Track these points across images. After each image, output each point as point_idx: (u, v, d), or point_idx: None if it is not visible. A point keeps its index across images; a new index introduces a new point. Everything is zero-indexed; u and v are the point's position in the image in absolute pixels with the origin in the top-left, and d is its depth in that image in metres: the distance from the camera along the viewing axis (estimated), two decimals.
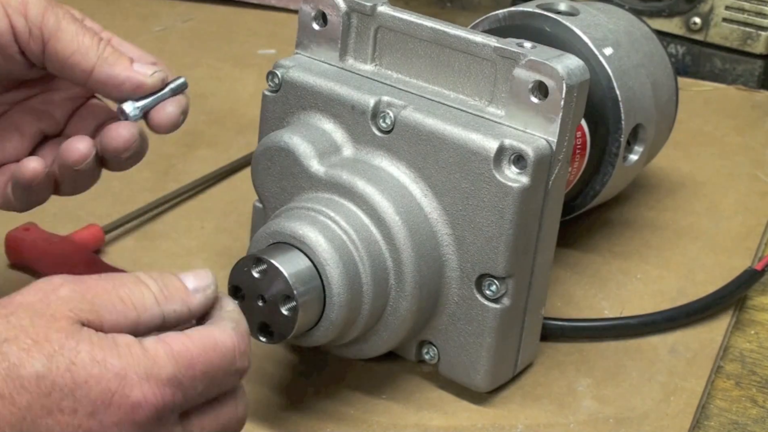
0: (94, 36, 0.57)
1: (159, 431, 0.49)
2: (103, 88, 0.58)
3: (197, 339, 0.50)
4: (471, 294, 0.61)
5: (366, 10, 0.64)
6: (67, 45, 0.56)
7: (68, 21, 0.57)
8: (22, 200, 0.60)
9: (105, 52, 0.57)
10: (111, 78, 0.57)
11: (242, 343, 0.51)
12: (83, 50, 0.56)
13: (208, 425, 0.51)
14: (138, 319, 0.50)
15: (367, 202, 0.60)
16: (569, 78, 0.59)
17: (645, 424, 0.64)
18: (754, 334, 0.74)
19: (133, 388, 0.47)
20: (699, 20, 1.06)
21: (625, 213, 0.84)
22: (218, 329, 0.51)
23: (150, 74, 0.57)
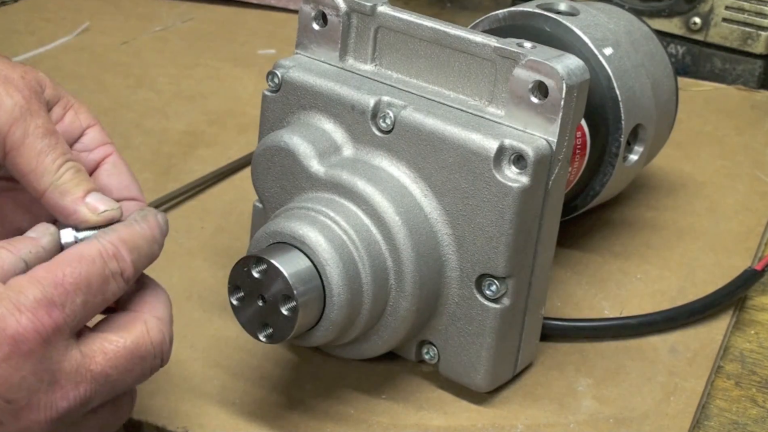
0: (58, 157, 0.55)
1: (53, 355, 0.49)
2: (53, 212, 0.56)
3: (59, 258, 0.51)
4: (471, 294, 0.61)
5: (366, 10, 0.64)
6: (26, 162, 0.55)
7: (36, 137, 0.55)
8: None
9: (61, 179, 0.55)
10: (59, 207, 0.55)
11: (109, 246, 0.52)
12: (39, 171, 0.55)
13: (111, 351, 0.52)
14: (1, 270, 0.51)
15: (367, 202, 0.60)
16: (569, 78, 0.59)
17: (645, 424, 0.64)
18: (754, 334, 0.74)
19: (7, 321, 0.48)
20: (699, 20, 1.06)
21: (625, 213, 0.84)
22: (81, 244, 0.52)
23: (100, 211, 0.55)
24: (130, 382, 0.53)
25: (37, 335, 0.49)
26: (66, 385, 0.50)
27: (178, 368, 0.65)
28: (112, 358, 0.52)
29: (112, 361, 0.52)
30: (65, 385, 0.50)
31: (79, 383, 0.50)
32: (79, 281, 0.51)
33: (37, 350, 0.49)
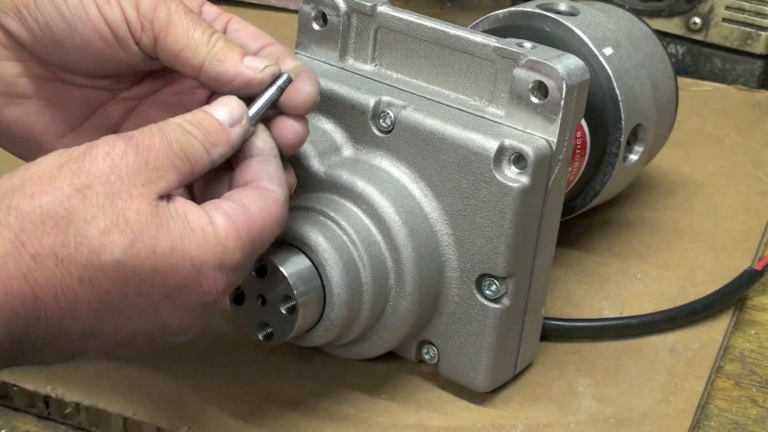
0: (206, 30, 0.56)
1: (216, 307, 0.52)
2: (213, 84, 0.56)
3: (258, 216, 0.52)
4: (471, 294, 0.61)
5: (366, 10, 0.64)
6: (177, 40, 0.55)
7: (180, 14, 0.55)
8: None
9: (215, 47, 0.55)
10: (221, 74, 0.55)
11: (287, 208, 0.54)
12: (193, 46, 0.55)
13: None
14: (192, 171, 0.51)
15: (367, 202, 0.60)
16: (569, 78, 0.59)
17: (645, 424, 0.64)
18: (754, 334, 0.74)
19: (207, 278, 0.50)
20: (699, 20, 1.06)
21: (625, 213, 0.84)
22: (272, 198, 0.53)
23: (261, 69, 0.55)
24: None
25: (222, 294, 0.51)
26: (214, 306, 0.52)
27: (178, 368, 0.65)
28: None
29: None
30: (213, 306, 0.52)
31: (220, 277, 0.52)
32: (264, 244, 0.53)
33: (213, 304, 0.51)
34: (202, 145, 0.52)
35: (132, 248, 0.48)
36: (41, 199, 0.47)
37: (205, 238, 0.50)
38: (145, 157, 0.49)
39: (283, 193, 0.54)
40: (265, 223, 0.52)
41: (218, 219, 0.51)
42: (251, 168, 0.54)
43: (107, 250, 0.47)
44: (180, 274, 0.49)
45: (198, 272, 0.50)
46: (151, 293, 0.49)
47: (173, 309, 0.50)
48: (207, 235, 0.50)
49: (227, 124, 0.53)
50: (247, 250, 0.51)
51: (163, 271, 0.49)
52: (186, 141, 0.51)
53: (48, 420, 0.64)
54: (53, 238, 0.47)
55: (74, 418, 0.63)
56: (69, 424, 0.63)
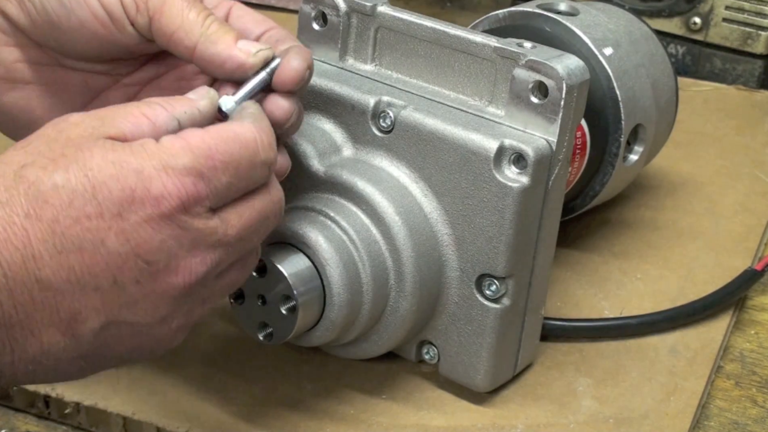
0: (201, 11, 0.55)
1: (191, 223, 0.49)
2: (206, 66, 0.56)
3: (214, 131, 0.50)
4: (471, 294, 0.61)
5: (366, 10, 0.64)
6: (171, 21, 0.55)
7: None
8: None
9: (209, 29, 0.55)
10: (213, 57, 0.55)
11: (264, 135, 0.52)
12: (187, 27, 0.55)
13: (246, 213, 0.51)
14: (153, 126, 0.50)
15: (367, 202, 0.60)
16: (569, 78, 0.59)
17: (645, 424, 0.64)
18: (754, 334, 0.74)
19: (152, 181, 0.48)
20: (699, 20, 1.06)
21: (625, 213, 0.84)
22: (236, 123, 0.52)
23: (253, 53, 0.55)
24: (257, 240, 0.53)
25: (179, 201, 0.48)
26: (204, 250, 0.50)
27: (178, 368, 0.65)
28: (246, 220, 0.51)
29: (246, 223, 0.51)
30: (204, 251, 0.50)
31: (215, 248, 0.50)
32: (229, 161, 0.50)
33: (176, 215, 0.49)
34: (160, 105, 0.51)
35: (67, 172, 0.47)
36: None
37: (144, 148, 0.49)
38: (92, 115, 0.50)
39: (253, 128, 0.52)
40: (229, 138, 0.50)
41: (165, 138, 0.50)
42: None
43: (45, 179, 0.47)
44: (121, 183, 0.48)
45: (140, 176, 0.48)
46: (101, 213, 0.47)
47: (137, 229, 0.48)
48: (146, 146, 0.49)
49: (192, 97, 0.53)
50: (200, 159, 0.49)
51: (103, 184, 0.47)
52: (144, 104, 0.51)
53: (48, 420, 0.64)
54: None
55: (74, 418, 0.63)
56: (69, 424, 0.63)
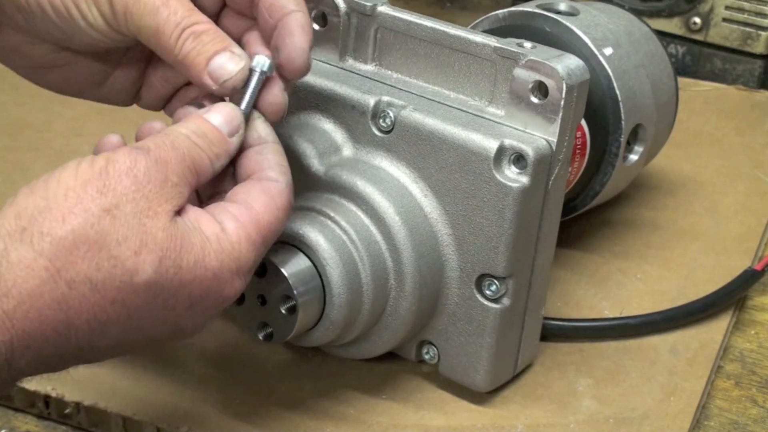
0: (174, 29, 0.54)
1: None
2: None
3: (264, 212, 0.52)
4: (471, 294, 0.61)
5: (366, 10, 0.64)
6: (148, 40, 0.55)
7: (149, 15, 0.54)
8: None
9: (182, 50, 0.55)
10: (189, 77, 0.55)
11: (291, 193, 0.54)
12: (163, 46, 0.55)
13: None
14: (198, 182, 0.52)
15: (367, 202, 0.60)
16: (569, 78, 0.59)
17: (645, 424, 0.64)
18: (754, 334, 0.74)
19: (226, 285, 0.51)
20: (699, 20, 1.06)
21: (625, 213, 0.84)
22: (275, 189, 0.53)
23: (221, 82, 0.54)
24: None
25: (239, 294, 0.52)
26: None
27: (178, 368, 0.65)
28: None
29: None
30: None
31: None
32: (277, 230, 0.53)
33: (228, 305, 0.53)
34: (208, 157, 0.52)
35: (161, 266, 0.48)
36: (72, 223, 0.47)
37: (221, 246, 0.51)
38: (165, 173, 0.50)
39: (285, 180, 0.54)
40: (272, 217, 0.53)
41: (228, 224, 0.51)
42: (251, 159, 0.55)
43: (140, 270, 0.48)
44: (203, 285, 0.50)
45: (218, 280, 0.50)
46: (176, 306, 0.50)
47: (193, 316, 0.51)
48: (222, 243, 0.51)
49: (226, 133, 0.54)
50: (259, 249, 0.52)
51: (189, 284, 0.50)
52: (195, 154, 0.52)
53: (48, 420, 0.64)
54: (87, 262, 0.47)
55: (74, 418, 0.63)
56: (69, 424, 0.63)
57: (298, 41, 0.56)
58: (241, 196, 0.53)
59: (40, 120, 0.90)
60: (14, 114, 0.92)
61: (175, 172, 0.50)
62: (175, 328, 0.51)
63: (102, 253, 0.47)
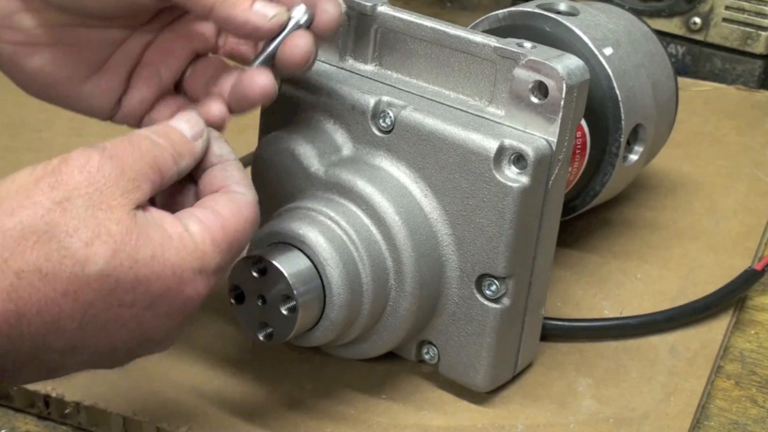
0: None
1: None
2: (223, 26, 0.57)
3: (231, 219, 0.52)
4: (471, 294, 0.61)
5: (366, 10, 0.64)
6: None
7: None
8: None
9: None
10: (230, 18, 0.55)
11: (257, 208, 0.54)
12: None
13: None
14: (162, 181, 0.51)
15: (367, 202, 0.60)
16: (569, 78, 0.59)
17: (645, 424, 0.64)
18: (754, 334, 0.74)
19: (188, 284, 0.50)
20: (699, 20, 1.06)
21: (625, 213, 0.84)
22: (242, 200, 0.53)
23: (269, 18, 0.55)
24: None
25: (202, 299, 0.51)
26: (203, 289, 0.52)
27: (178, 368, 0.65)
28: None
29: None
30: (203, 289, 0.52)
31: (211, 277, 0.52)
32: (241, 245, 0.53)
33: (194, 309, 0.52)
34: (171, 155, 0.52)
35: (115, 258, 0.48)
36: (21, 215, 0.47)
37: (184, 244, 0.50)
38: (121, 168, 0.49)
39: (252, 194, 0.54)
40: (239, 225, 0.52)
41: (193, 226, 0.51)
42: (215, 176, 0.54)
43: (91, 261, 0.47)
44: (162, 282, 0.49)
45: (179, 279, 0.50)
46: (134, 303, 0.49)
47: (155, 318, 0.50)
48: (185, 241, 0.50)
49: (190, 136, 0.54)
50: (224, 254, 0.51)
51: (146, 280, 0.48)
52: (156, 151, 0.51)
53: (48, 420, 0.64)
54: (36, 252, 0.46)
55: (74, 418, 0.63)
56: (69, 424, 0.63)
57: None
58: (208, 203, 0.53)
59: (40, 120, 0.90)
60: (14, 114, 0.92)
61: (132, 168, 0.50)
62: (139, 332, 0.50)
63: (52, 243, 0.47)
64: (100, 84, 0.61)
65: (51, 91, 0.61)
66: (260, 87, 0.57)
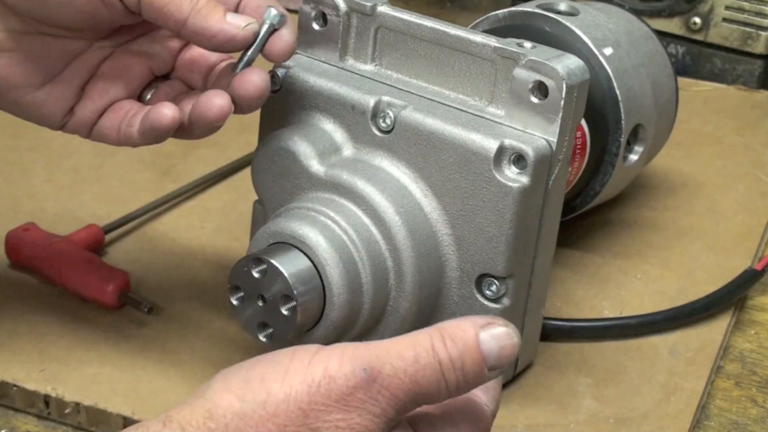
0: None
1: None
2: (196, 39, 0.57)
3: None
4: (471, 294, 0.61)
5: (366, 10, 0.64)
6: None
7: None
8: (148, 139, 0.60)
9: (199, 3, 0.56)
10: (204, 30, 0.56)
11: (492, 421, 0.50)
12: (177, 1, 0.56)
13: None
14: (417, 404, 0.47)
15: (367, 202, 0.60)
16: (569, 78, 0.59)
17: (645, 424, 0.64)
18: (754, 334, 0.74)
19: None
20: (699, 20, 1.06)
21: (625, 213, 0.84)
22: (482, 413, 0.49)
23: (243, 27, 0.57)
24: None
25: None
26: None
27: (178, 368, 0.65)
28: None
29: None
30: None
31: None
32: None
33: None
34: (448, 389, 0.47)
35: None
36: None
37: None
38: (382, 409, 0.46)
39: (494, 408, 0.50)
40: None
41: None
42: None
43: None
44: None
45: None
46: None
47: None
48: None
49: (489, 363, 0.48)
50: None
51: None
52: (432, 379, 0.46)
53: (48, 420, 0.64)
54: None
55: (74, 418, 0.63)
56: (69, 424, 0.63)
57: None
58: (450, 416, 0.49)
59: None
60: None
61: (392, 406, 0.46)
62: None
63: None
64: (53, 92, 0.60)
65: (6, 95, 0.60)
66: (218, 108, 0.58)
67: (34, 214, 0.77)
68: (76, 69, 0.61)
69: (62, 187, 0.82)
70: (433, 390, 0.46)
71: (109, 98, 0.61)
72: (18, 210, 0.78)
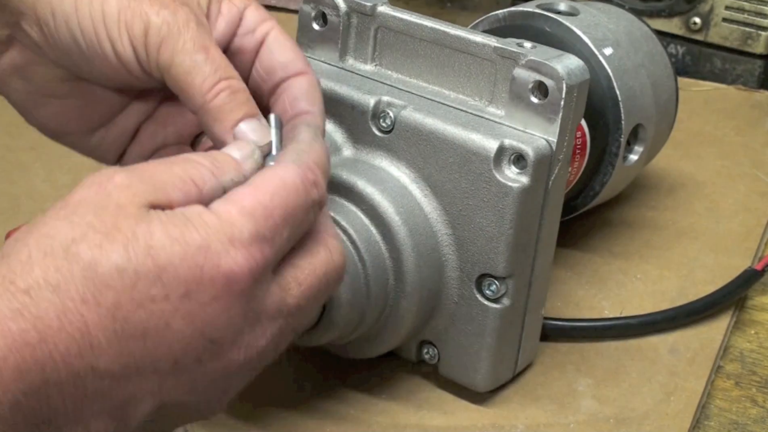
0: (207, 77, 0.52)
1: (258, 293, 0.46)
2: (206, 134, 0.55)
3: (262, 186, 0.47)
4: (471, 294, 0.61)
5: (366, 10, 0.64)
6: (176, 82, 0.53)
7: (184, 54, 0.52)
8: None
9: (213, 102, 0.52)
10: (209, 132, 0.53)
11: (309, 173, 0.49)
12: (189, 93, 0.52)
13: (304, 279, 0.49)
14: (200, 193, 0.47)
15: (367, 202, 0.60)
16: (569, 78, 0.59)
17: (645, 424, 0.64)
18: (754, 334, 0.74)
19: (221, 257, 0.45)
20: (699, 20, 1.06)
21: (625, 213, 0.84)
22: (280, 168, 0.48)
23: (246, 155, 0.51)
24: (315, 310, 0.51)
25: (250, 273, 0.45)
26: (266, 322, 0.47)
27: None
28: (305, 288, 0.49)
29: (305, 291, 0.49)
30: (265, 323, 0.47)
31: (276, 319, 0.47)
32: (286, 214, 0.47)
33: (246, 289, 0.45)
34: (209, 170, 0.48)
35: (127, 250, 0.44)
36: (27, 239, 0.44)
37: (203, 220, 0.45)
38: (138, 176, 0.46)
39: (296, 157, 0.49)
40: (275, 187, 0.47)
41: (217, 205, 0.47)
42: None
43: (102, 260, 0.43)
44: (187, 262, 0.44)
45: (207, 253, 0.45)
46: (167, 295, 0.44)
47: (202, 308, 0.45)
48: (204, 217, 0.45)
49: (237, 157, 0.50)
50: (261, 220, 0.46)
51: (169, 264, 0.44)
52: (188, 165, 0.48)
53: None
54: (43, 267, 0.43)
55: None
56: None
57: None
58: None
59: None
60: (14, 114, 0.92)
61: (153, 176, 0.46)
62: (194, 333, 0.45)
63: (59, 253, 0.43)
64: (107, 137, 0.60)
65: (62, 138, 0.60)
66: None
67: (34, 214, 0.76)
68: (130, 114, 0.60)
69: (62, 187, 0.82)
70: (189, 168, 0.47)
71: (157, 143, 0.60)
72: (18, 210, 0.79)
